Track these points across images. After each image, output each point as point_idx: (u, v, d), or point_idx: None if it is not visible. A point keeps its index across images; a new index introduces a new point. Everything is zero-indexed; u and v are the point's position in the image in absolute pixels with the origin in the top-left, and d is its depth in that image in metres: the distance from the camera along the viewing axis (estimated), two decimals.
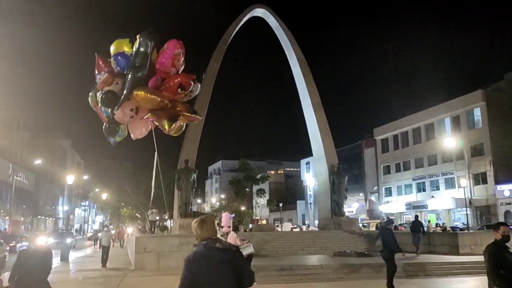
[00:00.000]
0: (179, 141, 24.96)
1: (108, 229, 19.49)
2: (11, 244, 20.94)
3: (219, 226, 14.82)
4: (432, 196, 41.11)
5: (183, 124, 7.99)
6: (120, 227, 50.18)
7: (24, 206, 44.56)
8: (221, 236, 14.15)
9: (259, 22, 29.60)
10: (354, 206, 49.87)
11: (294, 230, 36.78)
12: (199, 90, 7.99)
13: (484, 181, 35.90)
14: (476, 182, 35.91)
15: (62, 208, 59.59)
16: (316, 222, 38.74)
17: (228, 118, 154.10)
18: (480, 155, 36.05)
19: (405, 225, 32.97)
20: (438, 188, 41.15)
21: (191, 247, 11.44)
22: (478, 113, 37.34)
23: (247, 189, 64.28)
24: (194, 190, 23.42)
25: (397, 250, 9.59)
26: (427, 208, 41.34)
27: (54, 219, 57.38)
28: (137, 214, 48.86)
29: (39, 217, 51.98)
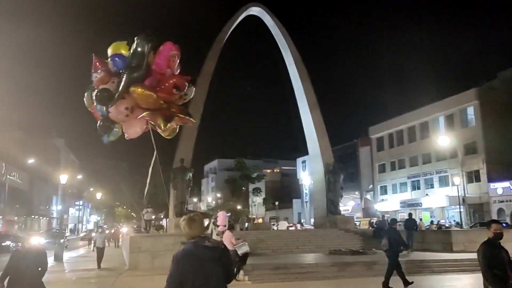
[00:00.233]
0: (174, 140, 24.87)
1: (102, 230, 19.30)
2: (4, 244, 20.78)
3: (215, 225, 14.79)
4: (426, 194, 41.41)
5: (176, 126, 8.06)
6: (115, 226, 49.92)
7: (18, 206, 44.19)
8: (217, 235, 14.15)
9: (255, 20, 29.56)
10: (350, 204, 50.07)
11: (290, 228, 36.87)
12: (193, 93, 8.08)
13: (478, 179, 36.21)
14: (470, 180, 36.20)
15: (56, 208, 59.17)
16: (312, 221, 38.85)
17: (224, 117, 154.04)
18: (474, 153, 36.35)
19: (399, 223, 33.11)
20: (432, 186, 41.45)
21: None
22: (471, 111, 37.63)
23: (243, 188, 64.26)
24: (190, 189, 23.39)
25: (404, 246, 10.05)
26: (421, 206, 41.62)
27: (48, 218, 56.97)
28: (132, 214, 48.73)
29: (33, 216, 51.58)
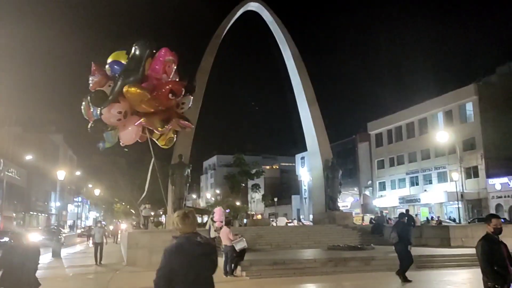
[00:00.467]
0: None
1: (101, 225, 19.22)
2: (2, 240, 20.74)
3: (212, 221, 14.75)
4: (425, 190, 41.48)
5: (173, 136, 8.11)
6: (114, 223, 49.95)
7: (16, 202, 44.13)
8: (215, 231, 14.13)
9: (253, 16, 29.39)
10: (349, 200, 50.13)
11: (289, 224, 36.90)
12: (191, 103, 8.16)
13: (476, 175, 36.25)
14: (468, 176, 36.24)
15: (55, 204, 59.13)
16: (311, 217, 38.90)
17: (223, 113, 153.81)
18: (472, 149, 36.36)
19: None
20: (430, 182, 41.50)
21: None
22: (470, 107, 37.59)
23: (242, 184, 64.27)
24: (188, 185, 23.34)
25: (410, 242, 10.15)
26: (419, 201, 41.70)
27: (46, 215, 56.93)
28: (131, 210, 48.70)
29: (31, 213, 51.54)
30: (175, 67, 7.64)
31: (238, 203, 56.82)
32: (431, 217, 33.69)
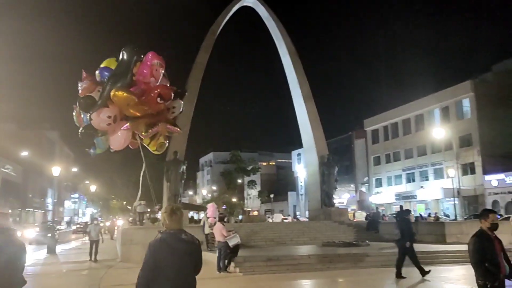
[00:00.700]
0: None
1: (97, 222, 19.10)
2: None
3: (207, 217, 14.68)
4: (421, 187, 41.57)
5: (164, 141, 8.07)
6: (111, 219, 49.84)
7: (12, 198, 43.88)
8: (209, 227, 14.07)
9: (248, 12, 29.19)
10: (345, 197, 50.24)
11: (285, 221, 36.91)
12: (182, 107, 8.14)
13: (472, 171, 36.35)
14: (464, 172, 36.33)
15: (52, 201, 58.87)
16: (307, 213, 38.99)
17: (219, 109, 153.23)
18: (469, 145, 36.43)
19: (394, 215, 33.27)
20: (427, 179, 41.59)
21: None
22: (467, 104, 37.61)
23: (238, 180, 64.31)
24: (183, 181, 23.28)
25: (411, 239, 10.11)
26: (416, 198, 41.81)
27: (43, 211, 56.72)
28: (128, 207, 48.66)
29: (28, 209, 51.31)
30: (163, 71, 7.60)
31: (234, 200, 56.87)
32: (428, 214, 33.79)
